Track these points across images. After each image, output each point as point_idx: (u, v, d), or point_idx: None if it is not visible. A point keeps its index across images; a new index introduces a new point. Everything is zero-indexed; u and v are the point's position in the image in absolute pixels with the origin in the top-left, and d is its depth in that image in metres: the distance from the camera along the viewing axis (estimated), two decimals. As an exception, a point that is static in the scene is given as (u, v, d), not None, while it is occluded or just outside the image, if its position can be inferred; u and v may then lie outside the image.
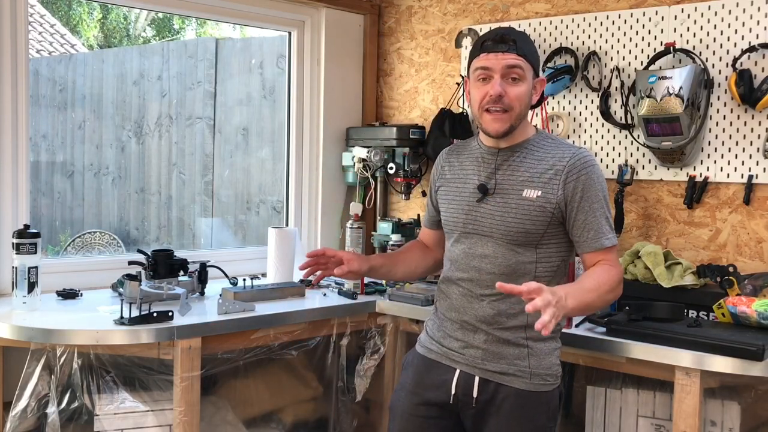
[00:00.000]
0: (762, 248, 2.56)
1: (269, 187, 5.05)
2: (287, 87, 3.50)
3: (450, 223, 2.08)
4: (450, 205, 2.08)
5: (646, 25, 2.78)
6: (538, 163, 1.97)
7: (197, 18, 7.31)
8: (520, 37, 1.97)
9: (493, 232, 1.97)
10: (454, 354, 2.02)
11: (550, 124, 2.99)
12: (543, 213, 1.93)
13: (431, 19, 3.42)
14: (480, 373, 1.97)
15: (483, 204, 1.99)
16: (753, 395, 2.20)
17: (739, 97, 2.51)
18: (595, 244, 1.94)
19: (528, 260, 1.96)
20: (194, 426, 2.28)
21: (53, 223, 6.06)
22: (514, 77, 1.94)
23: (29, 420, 2.25)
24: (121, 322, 2.24)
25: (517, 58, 1.93)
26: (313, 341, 2.69)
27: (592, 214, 1.93)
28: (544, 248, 1.97)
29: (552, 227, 1.95)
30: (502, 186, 1.98)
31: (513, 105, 1.94)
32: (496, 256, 1.97)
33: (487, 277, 1.97)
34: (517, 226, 1.94)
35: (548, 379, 1.97)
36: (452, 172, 2.11)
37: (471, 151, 2.09)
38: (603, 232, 1.94)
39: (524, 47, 1.96)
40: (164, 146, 5.70)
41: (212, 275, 2.78)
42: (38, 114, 5.92)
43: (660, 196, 2.77)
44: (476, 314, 1.99)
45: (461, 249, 2.04)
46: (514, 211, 1.95)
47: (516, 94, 1.94)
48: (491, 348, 1.97)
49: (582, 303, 1.84)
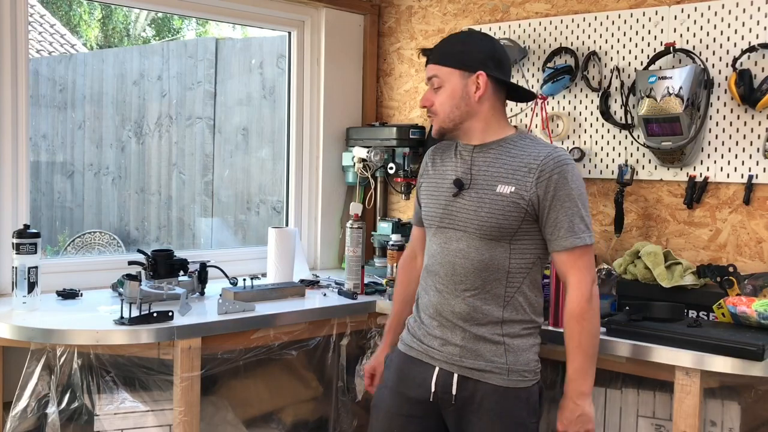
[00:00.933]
0: (762, 248, 2.56)
1: (269, 187, 5.05)
2: (287, 87, 3.50)
3: (428, 217, 2.12)
4: (429, 199, 2.13)
5: (646, 25, 2.78)
6: (513, 159, 2.01)
7: (197, 18, 7.31)
8: (439, 46, 2.11)
9: (467, 227, 2.01)
10: (433, 351, 2.05)
11: (550, 124, 2.99)
12: (516, 208, 1.96)
13: (431, 19, 3.43)
14: (458, 370, 2.00)
15: (459, 199, 2.04)
16: (753, 395, 2.20)
17: (739, 97, 2.51)
18: (565, 243, 1.96)
19: (502, 255, 1.99)
20: (194, 426, 2.28)
21: (53, 223, 6.06)
22: (435, 86, 2.08)
23: (29, 420, 2.25)
24: (121, 322, 2.24)
25: (433, 68, 2.08)
26: (313, 341, 2.69)
27: (563, 212, 1.95)
28: (518, 244, 2.00)
29: (526, 223, 1.98)
30: (477, 181, 2.02)
31: (436, 111, 2.07)
32: (469, 250, 2.00)
33: (461, 271, 2.01)
34: (490, 221, 1.98)
35: (526, 375, 1.99)
36: (434, 168, 2.16)
37: (453, 149, 2.15)
38: (574, 231, 1.95)
39: (441, 55, 2.08)
40: (164, 146, 5.70)
41: (212, 275, 2.78)
42: (38, 114, 5.92)
43: (660, 196, 2.77)
44: (453, 310, 2.02)
45: (438, 243, 2.08)
46: (487, 206, 1.98)
47: (438, 101, 2.07)
48: (469, 345, 2.00)
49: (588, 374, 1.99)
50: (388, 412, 2.11)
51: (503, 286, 1.99)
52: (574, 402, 1.96)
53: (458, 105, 2.04)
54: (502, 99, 2.09)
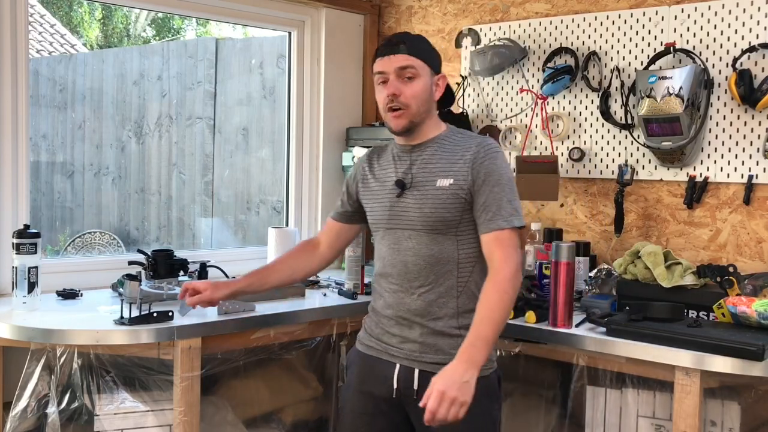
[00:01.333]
0: (762, 248, 2.56)
1: (269, 187, 5.05)
2: (287, 87, 3.50)
3: (375, 220, 2.15)
4: (374, 203, 2.15)
5: (646, 25, 2.78)
6: (448, 154, 2.06)
7: (197, 18, 7.31)
8: (412, 39, 2.09)
9: (414, 224, 2.05)
10: (392, 349, 2.08)
11: (550, 124, 2.99)
12: (457, 199, 2.01)
13: (431, 19, 3.42)
14: (419, 365, 2.03)
15: (402, 198, 2.07)
16: (753, 395, 2.20)
17: (739, 97, 2.51)
18: (492, 225, 1.98)
19: (450, 248, 2.03)
20: (194, 426, 2.28)
21: (53, 223, 6.06)
22: (408, 76, 2.03)
23: (29, 420, 2.25)
24: (121, 322, 2.24)
25: (408, 58, 2.03)
26: (313, 341, 2.69)
27: (492, 196, 1.99)
28: (464, 235, 2.04)
29: (467, 213, 2.03)
30: (417, 179, 2.06)
31: (409, 103, 2.04)
32: (419, 247, 2.04)
33: (413, 269, 2.04)
34: (435, 215, 2.02)
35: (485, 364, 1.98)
36: (372, 173, 2.19)
37: (389, 153, 2.18)
38: (501, 214, 1.98)
39: (415, 47, 2.07)
40: (164, 146, 5.70)
41: (212, 275, 2.78)
42: (38, 114, 5.92)
43: (660, 196, 2.77)
44: (409, 308, 2.05)
45: (387, 245, 2.10)
46: (430, 201, 2.02)
47: (411, 92, 2.03)
48: (427, 341, 2.03)
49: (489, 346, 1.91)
50: (354, 412, 2.14)
51: (455, 277, 2.03)
52: (465, 368, 1.85)
53: (426, 101, 2.07)
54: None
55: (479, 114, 3.25)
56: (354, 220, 2.27)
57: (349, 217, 2.27)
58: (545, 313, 2.36)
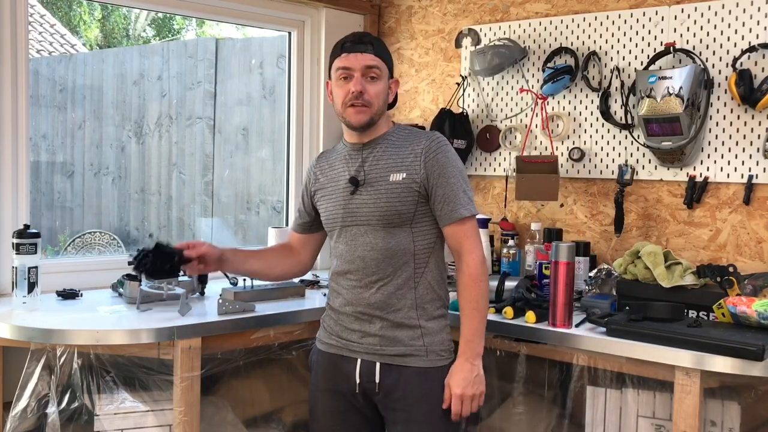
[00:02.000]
0: (762, 248, 2.56)
1: (269, 187, 5.05)
2: (287, 87, 3.50)
3: (330, 219, 2.19)
4: (328, 204, 2.19)
5: (646, 25, 2.78)
6: (399, 150, 2.11)
7: (197, 18, 7.31)
8: (377, 40, 2.16)
9: (369, 220, 2.10)
10: (353, 345, 2.13)
11: (550, 124, 2.99)
12: (410, 192, 2.07)
13: (431, 19, 3.42)
14: (380, 359, 2.09)
15: (356, 196, 2.12)
16: (753, 395, 2.20)
17: (739, 97, 2.51)
18: (454, 215, 2.08)
19: (405, 240, 2.09)
20: (194, 426, 2.28)
21: (53, 223, 6.05)
22: (373, 76, 2.10)
23: (29, 420, 2.24)
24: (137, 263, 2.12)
25: (374, 59, 2.10)
26: (313, 341, 2.68)
27: (449, 188, 2.07)
28: (418, 227, 2.10)
29: (421, 205, 2.09)
30: (370, 175, 2.11)
31: (372, 101, 2.09)
32: (376, 241, 2.09)
33: (371, 263, 2.09)
34: (390, 209, 2.07)
35: (443, 354, 2.10)
36: (324, 175, 2.24)
37: (338, 153, 2.23)
38: (461, 203, 2.08)
39: (381, 49, 2.14)
40: (164, 146, 5.70)
41: (212, 275, 2.77)
42: (38, 114, 5.92)
43: (660, 196, 2.77)
44: (369, 302, 2.10)
45: (344, 242, 2.15)
46: (385, 196, 2.08)
47: (375, 91, 2.10)
48: (387, 333, 2.08)
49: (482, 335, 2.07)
50: (325, 412, 2.18)
51: (412, 269, 2.09)
52: (472, 363, 2.04)
53: (385, 102, 2.14)
54: None
55: (479, 114, 3.25)
56: (314, 229, 2.32)
57: (309, 227, 2.32)
58: (545, 313, 2.36)
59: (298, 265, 2.36)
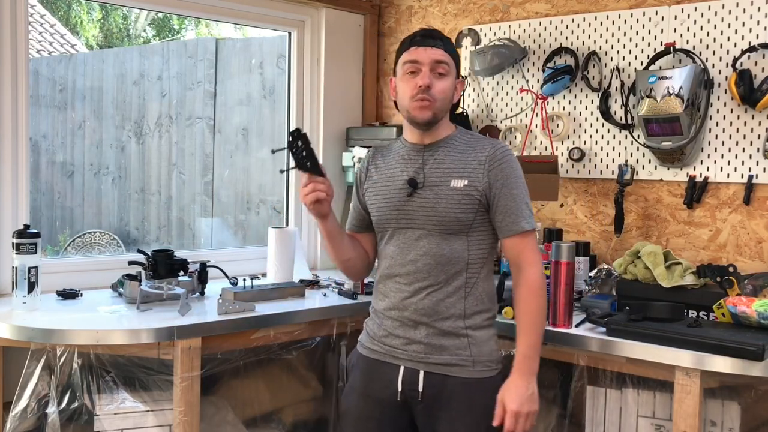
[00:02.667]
0: (762, 248, 2.56)
1: (269, 187, 5.05)
2: (287, 87, 3.50)
3: (383, 220, 2.11)
4: (381, 203, 2.12)
5: (646, 25, 2.78)
6: (462, 155, 2.06)
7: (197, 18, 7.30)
8: (446, 38, 2.10)
9: (425, 224, 2.04)
10: (396, 351, 2.06)
11: (550, 124, 2.99)
12: (471, 201, 2.02)
13: (431, 19, 3.42)
14: (424, 367, 2.02)
15: (414, 198, 2.05)
16: (753, 395, 2.20)
17: (739, 97, 2.51)
18: (515, 227, 2.03)
19: (461, 248, 2.04)
20: (194, 426, 2.28)
21: (53, 223, 6.06)
22: (441, 72, 2.04)
23: (29, 420, 2.25)
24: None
25: (444, 55, 2.05)
26: (313, 341, 2.69)
27: (512, 199, 2.03)
28: (475, 236, 2.05)
29: (480, 214, 2.04)
30: (430, 179, 2.05)
31: (437, 97, 2.04)
32: (430, 246, 2.03)
33: (423, 268, 2.03)
34: (449, 215, 2.02)
35: (490, 365, 2.04)
36: (379, 172, 2.16)
37: (396, 151, 2.15)
38: (523, 216, 2.03)
39: (450, 47, 2.09)
40: (164, 146, 5.70)
41: (212, 275, 2.78)
42: (38, 114, 5.92)
43: (660, 196, 2.77)
44: (416, 308, 2.04)
45: (396, 244, 2.09)
46: (444, 201, 2.02)
47: (441, 88, 2.04)
48: (433, 341, 2.02)
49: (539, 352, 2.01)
50: (360, 418, 2.11)
51: (464, 278, 2.04)
52: (527, 380, 1.97)
53: (449, 101, 2.09)
54: None
55: (479, 114, 3.25)
56: (371, 228, 2.19)
57: (368, 225, 2.20)
58: (546, 313, 2.36)
59: (367, 260, 2.22)
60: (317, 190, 2.05)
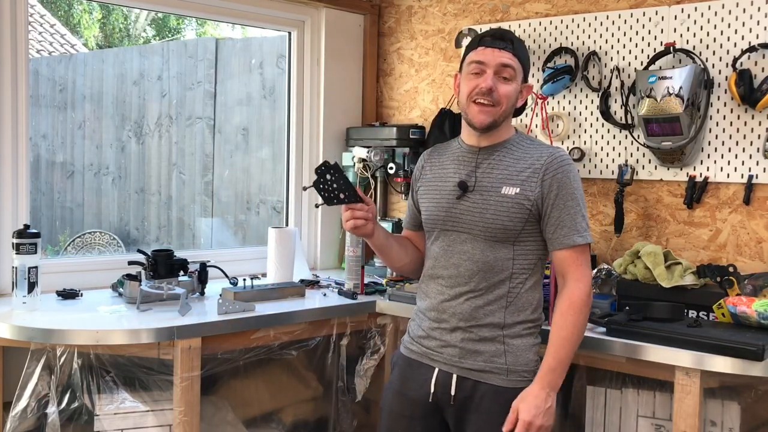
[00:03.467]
0: (762, 248, 2.56)
1: (269, 187, 5.05)
2: (287, 87, 3.50)
3: (430, 220, 2.10)
4: (430, 203, 2.10)
5: (646, 25, 2.78)
6: (517, 161, 2.01)
7: (197, 18, 7.31)
8: (518, 40, 2.04)
9: (472, 229, 2.01)
10: (432, 353, 2.06)
11: (550, 124, 2.99)
12: (521, 210, 1.97)
13: (431, 19, 3.42)
14: (457, 371, 2.01)
15: (463, 201, 2.03)
16: (753, 395, 2.20)
17: (739, 97, 2.51)
18: (567, 240, 1.97)
19: (505, 257, 2.00)
20: (194, 426, 2.28)
21: (53, 223, 6.06)
22: (506, 76, 2.00)
23: (29, 420, 2.25)
24: None
25: (512, 59, 2.00)
26: (313, 341, 2.69)
27: (566, 211, 1.97)
28: (521, 245, 2.00)
29: (529, 224, 1.99)
30: (481, 183, 2.02)
31: (501, 101, 1.99)
32: (474, 252, 2.01)
33: (465, 273, 2.01)
34: (496, 222, 1.98)
35: (525, 375, 2.00)
36: (433, 171, 2.14)
37: (452, 151, 2.13)
38: (577, 229, 1.97)
39: (520, 50, 2.03)
40: (164, 146, 5.70)
41: (212, 275, 2.78)
42: (38, 114, 5.92)
43: (660, 196, 2.77)
44: (454, 312, 2.02)
45: (440, 246, 2.07)
46: (493, 208, 1.98)
47: (505, 92, 2.00)
48: (468, 346, 2.00)
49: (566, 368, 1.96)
50: (393, 413, 2.13)
51: (506, 287, 2.00)
52: (548, 393, 1.93)
53: (513, 105, 2.04)
54: None
55: (479, 114, 3.24)
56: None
57: (421, 224, 2.19)
58: (545, 313, 2.36)
59: (421, 260, 2.20)
60: (355, 218, 2.03)
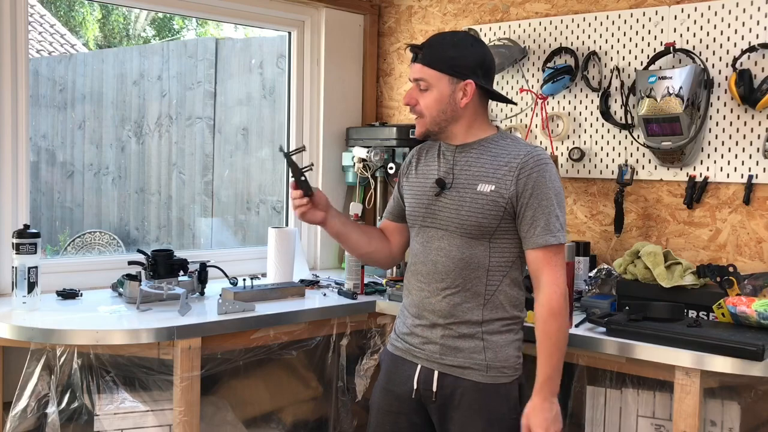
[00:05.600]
0: (762, 248, 2.56)
1: (269, 187, 5.05)
2: (287, 87, 3.50)
3: (411, 216, 2.14)
4: (413, 198, 2.14)
5: (646, 25, 2.78)
6: (494, 159, 2.03)
7: (197, 18, 7.31)
8: (432, 47, 2.04)
9: (448, 225, 2.04)
10: (415, 350, 2.09)
11: (550, 124, 2.99)
12: (496, 207, 1.99)
13: (431, 19, 3.42)
14: (438, 367, 2.04)
15: (440, 198, 2.06)
16: (753, 395, 2.20)
17: (739, 97, 2.51)
18: (539, 240, 1.97)
19: (482, 253, 2.02)
20: (194, 426, 2.28)
21: (53, 223, 6.06)
22: (422, 88, 2.04)
23: (29, 420, 2.25)
24: None
25: (422, 70, 2.03)
26: (313, 341, 2.69)
27: (540, 210, 1.97)
28: (498, 243, 2.03)
29: (505, 222, 2.00)
30: (458, 181, 2.04)
31: (423, 112, 2.05)
32: (450, 248, 2.03)
33: (442, 269, 2.04)
34: (471, 219, 2.00)
35: (506, 371, 2.02)
36: (418, 167, 2.18)
37: (436, 148, 2.16)
38: (550, 229, 1.97)
39: (433, 57, 2.02)
40: (164, 146, 5.70)
41: (212, 275, 2.78)
42: (38, 114, 5.92)
43: (660, 196, 2.77)
44: (433, 308, 2.05)
45: (420, 242, 2.11)
46: (468, 205, 2.01)
47: (424, 103, 2.05)
48: (448, 343, 2.03)
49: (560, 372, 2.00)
50: (380, 410, 2.17)
51: (483, 284, 2.02)
52: (551, 401, 1.98)
53: (444, 110, 2.04)
54: (485, 102, 2.12)
55: (479, 114, 3.24)
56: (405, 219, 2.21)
57: (402, 216, 2.22)
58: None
59: (387, 252, 2.26)
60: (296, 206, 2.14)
